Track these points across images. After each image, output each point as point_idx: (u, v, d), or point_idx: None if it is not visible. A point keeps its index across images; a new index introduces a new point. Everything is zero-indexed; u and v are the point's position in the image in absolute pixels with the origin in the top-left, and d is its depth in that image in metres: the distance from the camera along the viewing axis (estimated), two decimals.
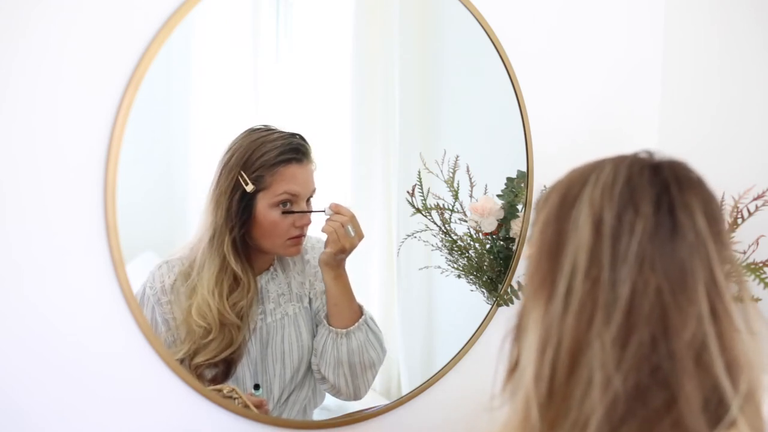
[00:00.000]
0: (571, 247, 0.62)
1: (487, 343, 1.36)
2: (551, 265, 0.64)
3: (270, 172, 1.08)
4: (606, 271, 0.60)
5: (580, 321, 0.61)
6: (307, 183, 1.13)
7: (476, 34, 1.26)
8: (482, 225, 1.30)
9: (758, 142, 1.40)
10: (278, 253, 1.15)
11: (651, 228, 0.60)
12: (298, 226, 1.12)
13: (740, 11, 1.46)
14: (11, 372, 0.93)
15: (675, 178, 0.63)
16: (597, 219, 0.62)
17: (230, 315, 1.08)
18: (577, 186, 0.65)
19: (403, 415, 1.27)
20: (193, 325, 1.07)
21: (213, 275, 1.08)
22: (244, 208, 1.08)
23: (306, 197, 1.13)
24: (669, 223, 0.61)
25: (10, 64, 0.89)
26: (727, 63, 1.48)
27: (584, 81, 1.43)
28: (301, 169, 1.12)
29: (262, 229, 1.10)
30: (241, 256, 1.09)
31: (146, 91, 0.96)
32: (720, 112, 1.48)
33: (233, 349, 1.10)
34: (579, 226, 0.62)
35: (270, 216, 1.09)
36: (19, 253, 0.92)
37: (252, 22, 1.16)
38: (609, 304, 0.60)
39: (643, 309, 0.59)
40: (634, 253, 0.60)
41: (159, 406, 1.04)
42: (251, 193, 1.08)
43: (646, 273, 0.59)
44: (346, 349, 1.18)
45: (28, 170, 0.91)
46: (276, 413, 1.16)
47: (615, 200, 0.62)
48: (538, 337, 0.63)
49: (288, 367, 1.17)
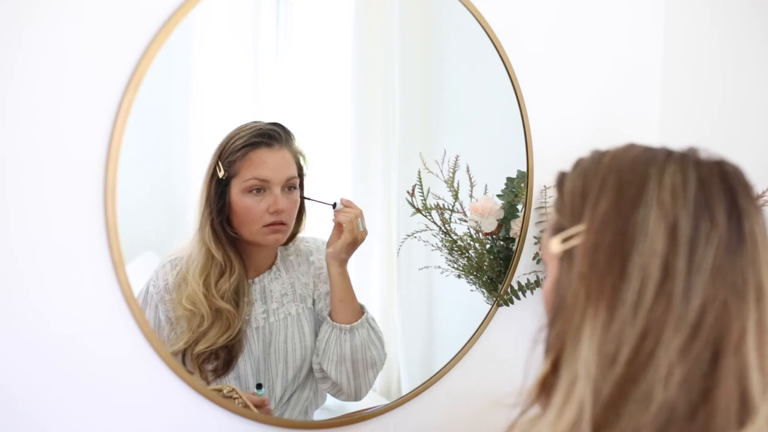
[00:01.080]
0: (640, 253, 0.59)
1: (487, 344, 1.36)
2: (613, 270, 0.60)
3: (239, 157, 1.09)
4: (680, 284, 0.57)
5: (648, 335, 0.57)
6: (279, 168, 1.12)
7: (476, 34, 1.26)
8: (482, 225, 1.30)
9: (758, 142, 1.40)
10: (258, 241, 1.14)
11: (725, 238, 0.58)
12: (272, 212, 1.11)
13: (740, 11, 1.46)
14: (11, 372, 0.93)
15: (742, 186, 0.61)
16: (671, 226, 0.58)
17: (218, 300, 1.09)
18: (635, 181, 0.61)
19: (403, 415, 1.27)
20: (184, 311, 1.08)
21: (199, 265, 1.09)
22: (220, 195, 1.09)
23: (280, 184, 1.11)
24: (737, 234, 0.59)
25: (10, 65, 0.89)
26: (727, 63, 1.48)
27: (584, 81, 1.43)
28: (272, 154, 1.11)
29: (237, 216, 1.10)
30: (222, 243, 1.10)
31: (146, 91, 0.96)
32: (720, 112, 1.48)
33: (231, 335, 1.10)
34: (649, 232, 0.59)
35: (242, 202, 1.10)
36: (20, 253, 0.92)
37: (252, 22, 1.16)
38: (680, 318, 0.57)
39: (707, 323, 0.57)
40: (710, 265, 0.57)
41: (159, 405, 1.04)
42: (225, 179, 1.08)
43: (718, 286, 0.58)
44: (349, 346, 1.18)
45: (28, 171, 0.91)
46: (278, 413, 1.16)
47: (690, 207, 0.59)
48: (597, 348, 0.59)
49: (291, 366, 1.17)
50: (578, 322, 0.61)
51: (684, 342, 0.57)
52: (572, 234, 0.64)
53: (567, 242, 0.64)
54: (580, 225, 0.63)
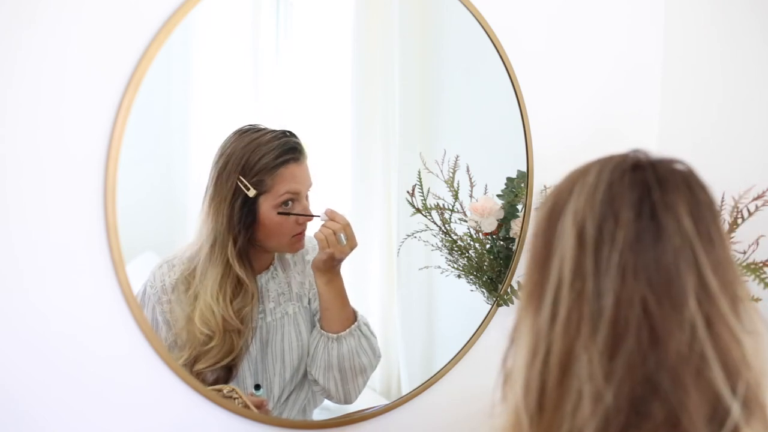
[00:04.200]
0: (556, 258, 0.62)
1: (487, 343, 1.36)
2: (540, 276, 0.63)
3: (270, 174, 1.09)
4: (590, 283, 0.59)
5: (567, 332, 0.60)
6: (306, 180, 1.14)
7: (476, 34, 1.26)
8: (482, 225, 1.30)
9: (758, 142, 1.40)
10: (284, 251, 1.15)
11: (632, 236, 0.58)
12: (301, 223, 1.14)
13: (740, 11, 1.46)
14: (11, 372, 0.93)
15: (657, 179, 0.60)
16: (580, 229, 0.61)
17: (234, 321, 1.09)
18: (564, 194, 0.64)
19: (403, 415, 1.27)
20: (196, 333, 1.07)
21: (216, 282, 1.08)
22: (248, 213, 1.08)
23: (305, 194, 1.14)
24: (652, 228, 0.58)
25: (11, 65, 0.89)
26: (727, 63, 1.48)
27: (584, 81, 1.43)
28: (299, 167, 1.13)
29: (267, 230, 1.11)
30: (245, 262, 1.10)
31: (146, 91, 0.96)
32: (720, 112, 1.48)
33: (233, 356, 1.10)
34: (564, 237, 0.61)
35: (275, 218, 1.10)
36: (20, 253, 0.92)
37: (252, 22, 1.16)
38: (594, 316, 0.59)
39: (629, 320, 0.58)
40: (616, 264, 0.58)
41: (159, 405, 1.04)
42: (253, 197, 1.08)
43: (630, 283, 0.58)
44: (336, 354, 1.18)
45: (29, 171, 0.91)
46: (276, 412, 1.16)
47: (596, 209, 0.60)
48: (527, 347, 0.63)
49: (288, 366, 1.17)
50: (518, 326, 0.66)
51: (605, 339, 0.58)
52: None
53: None
54: None
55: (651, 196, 0.59)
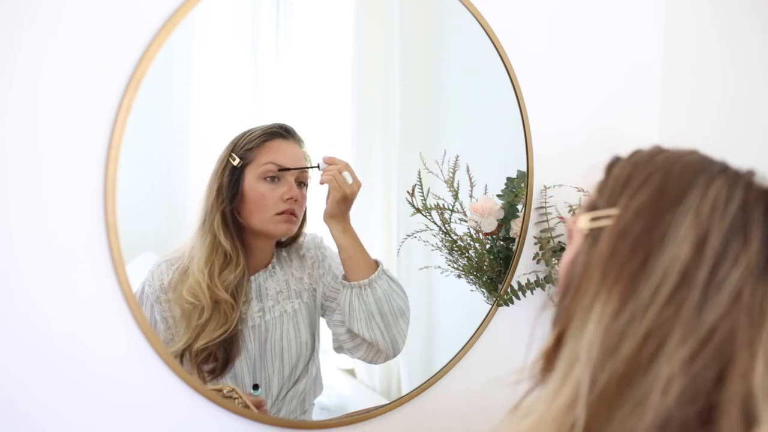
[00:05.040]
0: (665, 255, 0.58)
1: (487, 343, 1.36)
2: (634, 262, 0.59)
3: (256, 145, 1.11)
4: (695, 295, 0.56)
5: (652, 335, 0.57)
6: (295, 158, 1.14)
7: (476, 34, 1.26)
8: (482, 225, 1.30)
9: (758, 142, 1.40)
10: (268, 230, 1.14)
11: (753, 264, 0.57)
12: (285, 200, 1.13)
13: (740, 11, 1.46)
14: (11, 372, 0.93)
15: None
16: (702, 237, 0.57)
17: (220, 291, 1.09)
18: (680, 185, 0.60)
19: (403, 415, 1.27)
20: (185, 305, 1.08)
21: (204, 256, 1.09)
22: (234, 183, 1.10)
23: (294, 174, 1.14)
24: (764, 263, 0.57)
25: (11, 66, 0.89)
26: (727, 63, 1.48)
27: (584, 81, 1.43)
28: (287, 144, 1.14)
29: (250, 203, 1.11)
30: (231, 232, 1.11)
31: (146, 91, 0.96)
32: (720, 112, 1.48)
33: (228, 328, 1.10)
34: (679, 237, 0.58)
35: (257, 189, 1.11)
36: (20, 253, 0.92)
37: (252, 22, 1.16)
38: (689, 329, 0.56)
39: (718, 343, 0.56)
40: (732, 285, 0.56)
41: (159, 406, 1.04)
42: (239, 167, 1.09)
43: (736, 308, 0.56)
44: (373, 300, 1.18)
45: (29, 171, 0.92)
46: (275, 409, 1.16)
47: (726, 223, 0.58)
48: (601, 337, 0.58)
49: (287, 363, 1.17)
50: (589, 302, 0.61)
51: (689, 354, 0.56)
52: (603, 215, 0.64)
53: (595, 221, 0.64)
54: (613, 209, 0.63)
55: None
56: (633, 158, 0.67)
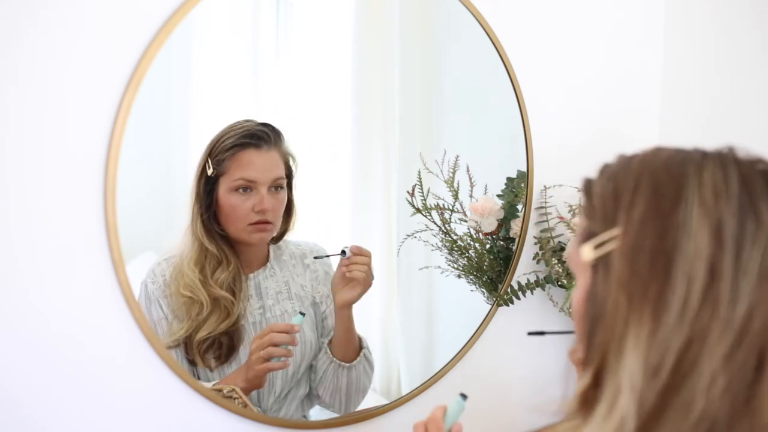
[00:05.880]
0: (685, 255, 0.55)
1: (487, 343, 1.36)
2: (656, 274, 0.56)
3: (228, 156, 1.10)
4: (728, 286, 0.54)
5: (693, 342, 0.54)
6: (267, 169, 1.13)
7: (476, 34, 1.26)
8: (482, 225, 1.30)
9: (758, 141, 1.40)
10: (244, 239, 1.15)
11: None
12: (257, 212, 1.12)
13: (740, 11, 1.46)
14: (11, 372, 0.93)
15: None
16: (716, 225, 0.55)
17: (216, 289, 1.11)
18: (672, 181, 0.58)
19: (403, 415, 1.27)
20: (184, 299, 1.09)
21: (192, 258, 1.10)
22: (209, 192, 1.10)
23: (266, 184, 1.12)
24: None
25: (11, 65, 0.89)
26: (726, 62, 1.48)
27: (584, 81, 1.43)
28: (259, 155, 1.12)
29: (224, 213, 1.11)
30: (214, 237, 1.11)
31: (146, 91, 0.96)
32: (720, 111, 1.48)
33: (231, 322, 1.11)
34: (693, 232, 0.55)
35: (229, 200, 1.11)
36: (20, 253, 0.92)
37: (252, 22, 1.16)
38: (726, 324, 0.54)
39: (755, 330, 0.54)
40: (757, 266, 0.54)
41: (159, 405, 1.04)
42: (213, 177, 1.09)
43: (765, 289, 0.54)
44: (345, 381, 1.22)
45: (29, 170, 0.92)
46: (276, 408, 1.16)
47: (734, 204, 0.55)
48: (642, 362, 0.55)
49: (291, 363, 1.17)
50: (621, 331, 0.57)
51: (728, 349, 0.54)
52: (606, 239, 0.60)
53: (600, 248, 0.60)
54: (614, 229, 0.59)
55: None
56: (607, 173, 0.63)
